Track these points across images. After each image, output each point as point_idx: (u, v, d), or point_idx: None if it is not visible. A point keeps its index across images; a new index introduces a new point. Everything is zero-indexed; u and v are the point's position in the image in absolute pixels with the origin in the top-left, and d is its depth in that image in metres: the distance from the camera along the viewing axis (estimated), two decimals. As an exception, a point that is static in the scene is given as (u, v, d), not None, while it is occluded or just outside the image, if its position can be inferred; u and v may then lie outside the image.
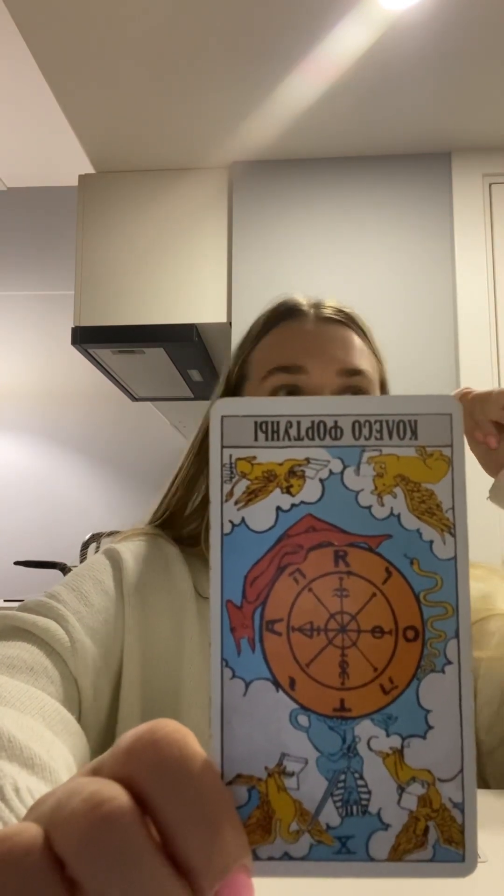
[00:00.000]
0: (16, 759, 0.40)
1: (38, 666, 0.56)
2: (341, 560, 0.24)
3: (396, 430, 0.25)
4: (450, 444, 0.25)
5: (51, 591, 0.64)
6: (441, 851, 0.23)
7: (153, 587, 0.70)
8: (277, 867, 0.23)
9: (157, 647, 0.66)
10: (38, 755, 0.42)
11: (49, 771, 0.41)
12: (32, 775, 0.40)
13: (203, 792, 0.21)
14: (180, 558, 0.74)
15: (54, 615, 0.60)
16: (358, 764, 0.23)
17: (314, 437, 0.25)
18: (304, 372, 0.72)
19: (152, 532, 0.78)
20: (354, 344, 0.75)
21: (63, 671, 0.58)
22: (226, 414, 0.25)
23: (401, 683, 0.23)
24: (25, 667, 0.55)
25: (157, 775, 0.21)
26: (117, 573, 0.70)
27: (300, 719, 0.23)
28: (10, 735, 0.42)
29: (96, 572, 0.69)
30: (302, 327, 0.76)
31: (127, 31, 1.66)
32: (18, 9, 1.59)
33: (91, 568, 0.70)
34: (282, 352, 0.74)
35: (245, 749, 0.23)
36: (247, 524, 0.24)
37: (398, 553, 0.24)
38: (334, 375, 0.72)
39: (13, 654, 0.55)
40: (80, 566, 0.71)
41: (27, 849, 0.20)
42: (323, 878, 0.23)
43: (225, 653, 0.24)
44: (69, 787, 0.21)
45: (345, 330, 0.76)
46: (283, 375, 0.73)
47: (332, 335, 0.75)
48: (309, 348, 0.73)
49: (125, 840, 0.19)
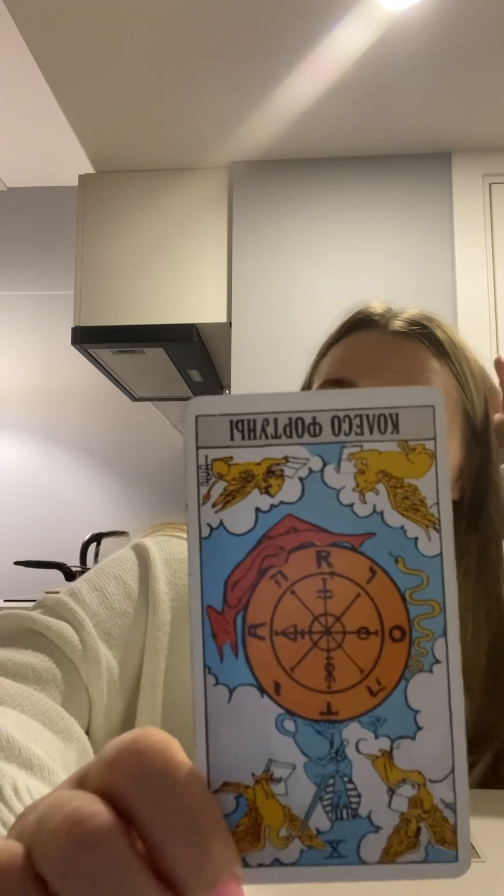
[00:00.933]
0: (14, 759, 0.40)
1: (47, 673, 0.55)
2: (324, 560, 0.24)
3: (377, 424, 0.24)
4: (433, 438, 0.24)
5: (72, 588, 0.63)
6: (434, 852, 0.22)
7: (183, 588, 0.67)
8: (268, 874, 0.22)
9: (179, 654, 0.65)
10: (37, 755, 0.41)
11: (48, 771, 0.41)
12: (32, 776, 0.40)
13: (189, 802, 0.20)
14: None
15: (71, 618, 0.59)
16: (347, 767, 0.23)
17: (292, 435, 0.24)
18: (354, 386, 0.68)
19: (182, 527, 0.75)
20: (420, 359, 0.69)
21: (75, 679, 0.57)
22: (200, 413, 0.24)
23: (388, 684, 0.23)
24: (34, 674, 0.54)
25: (141, 787, 0.20)
26: (144, 573, 0.67)
27: (286, 724, 0.23)
28: (10, 735, 0.42)
29: (122, 571, 0.66)
30: (369, 339, 0.71)
31: (127, 32, 1.66)
32: (18, 9, 1.59)
33: (117, 564, 0.67)
34: (339, 364, 0.71)
35: (231, 756, 0.23)
36: (225, 527, 0.24)
37: (382, 551, 0.24)
38: None
39: (24, 660, 0.55)
40: (107, 561, 0.68)
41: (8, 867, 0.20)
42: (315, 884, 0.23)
43: (207, 659, 0.23)
44: (52, 802, 0.21)
45: (414, 344, 0.69)
46: (333, 388, 0.69)
47: (397, 352, 0.69)
48: (366, 362, 0.69)
49: (107, 858, 0.19)
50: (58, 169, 2.82)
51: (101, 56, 1.74)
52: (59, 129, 2.25)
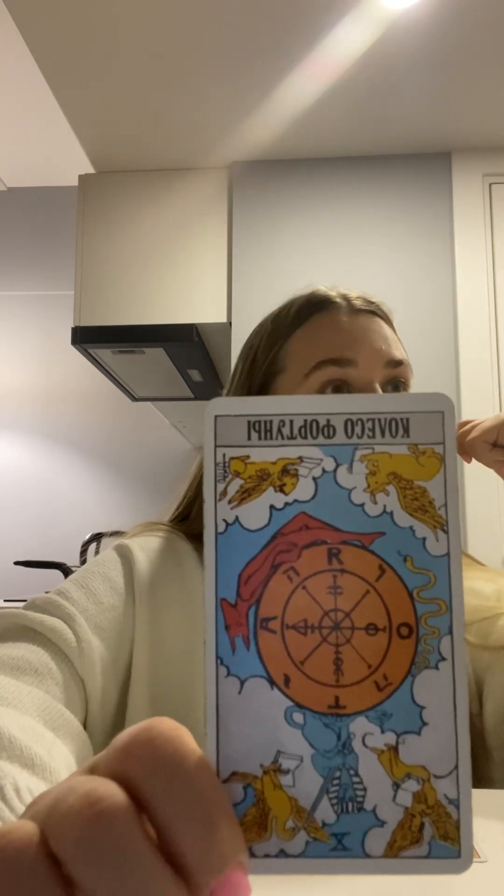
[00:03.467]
0: (16, 759, 0.40)
1: (43, 668, 0.55)
2: (335, 558, 0.24)
3: (388, 428, 0.25)
4: (442, 442, 0.25)
5: (60, 588, 0.64)
6: (437, 848, 0.23)
7: (164, 584, 0.69)
8: (273, 864, 0.23)
9: (168, 645, 0.66)
10: (38, 755, 0.42)
11: (49, 771, 0.41)
12: (33, 776, 0.40)
13: (199, 789, 0.21)
14: (194, 556, 0.73)
15: (61, 614, 0.60)
16: (353, 761, 0.23)
17: (307, 436, 0.25)
18: (354, 365, 0.70)
19: (166, 528, 0.77)
20: (388, 334, 0.75)
21: (69, 672, 0.57)
22: (219, 413, 0.25)
23: (395, 680, 0.23)
24: (30, 668, 0.54)
25: (152, 773, 0.21)
26: (128, 569, 0.69)
27: (295, 717, 0.23)
28: (11, 735, 0.42)
29: (106, 569, 0.68)
30: (338, 319, 0.74)
31: (127, 32, 1.66)
32: (18, 9, 1.60)
33: (101, 564, 0.69)
34: (326, 344, 0.72)
35: (240, 747, 0.23)
36: (241, 523, 0.25)
37: (391, 550, 0.24)
38: (381, 367, 0.71)
39: (18, 654, 0.55)
40: (91, 562, 0.70)
41: (23, 847, 0.20)
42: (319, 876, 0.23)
43: (220, 651, 0.24)
44: (66, 786, 0.21)
45: (377, 320, 0.75)
46: (334, 369, 0.70)
47: (370, 326, 0.74)
48: (354, 340, 0.72)
49: (121, 838, 0.19)
50: (58, 169, 2.82)
51: (101, 56, 1.74)
52: (59, 129, 2.26)
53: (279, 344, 0.76)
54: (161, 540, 0.74)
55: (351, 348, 0.71)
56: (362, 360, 0.71)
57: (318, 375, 0.71)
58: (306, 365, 0.72)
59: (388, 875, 0.23)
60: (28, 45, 1.70)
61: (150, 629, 0.66)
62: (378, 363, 0.71)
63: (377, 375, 0.71)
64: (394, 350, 0.73)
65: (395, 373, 0.72)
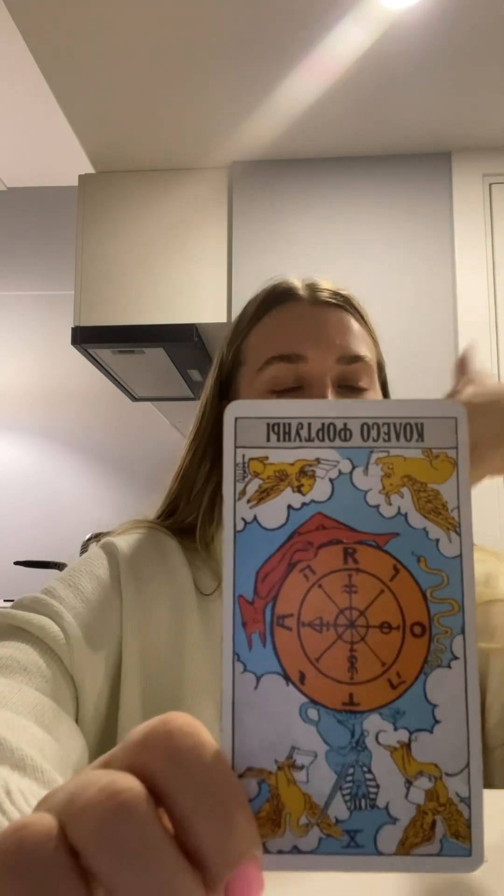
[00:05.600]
0: (7, 760, 0.40)
1: (32, 665, 0.55)
2: (350, 557, 0.25)
3: (403, 432, 0.26)
4: (455, 447, 0.25)
5: (46, 587, 0.64)
6: (448, 846, 0.23)
7: (150, 578, 0.69)
8: (287, 861, 0.23)
9: (156, 640, 0.66)
10: (30, 756, 0.41)
11: (41, 772, 0.41)
12: (25, 777, 0.40)
13: (216, 781, 0.21)
14: (179, 551, 0.73)
15: (49, 612, 0.60)
16: (366, 758, 0.23)
17: (324, 439, 0.26)
18: (304, 360, 0.69)
19: (150, 524, 0.78)
20: (352, 328, 0.72)
21: (59, 669, 0.58)
22: (239, 416, 0.26)
23: (408, 678, 0.24)
24: (20, 667, 0.54)
25: (171, 765, 0.21)
26: (114, 566, 0.69)
27: (310, 713, 0.24)
28: (2, 737, 0.42)
29: (93, 566, 0.68)
30: (298, 312, 0.72)
31: (127, 32, 1.66)
32: (18, 9, 1.60)
33: (87, 562, 0.69)
34: (279, 339, 0.71)
35: (255, 742, 0.23)
36: (259, 522, 0.25)
37: (406, 551, 0.25)
38: (334, 362, 0.70)
39: (7, 653, 0.55)
40: (77, 560, 0.70)
41: (42, 839, 0.20)
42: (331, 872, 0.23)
43: (237, 647, 0.24)
44: (82, 780, 0.21)
45: (342, 313, 0.73)
46: (283, 365, 0.70)
47: (329, 319, 0.72)
48: (307, 335, 0.70)
49: (140, 829, 0.20)
50: (58, 169, 2.82)
51: (101, 56, 1.74)
52: (59, 129, 2.25)
53: (241, 337, 0.76)
54: (146, 536, 0.75)
55: (302, 344, 0.70)
56: (313, 356, 0.69)
57: (269, 370, 0.70)
58: (259, 360, 0.72)
59: (399, 872, 0.23)
60: (28, 45, 1.70)
61: (138, 624, 0.66)
62: (330, 358, 0.70)
63: (329, 371, 0.69)
64: (353, 345, 0.71)
65: (352, 368, 0.70)
